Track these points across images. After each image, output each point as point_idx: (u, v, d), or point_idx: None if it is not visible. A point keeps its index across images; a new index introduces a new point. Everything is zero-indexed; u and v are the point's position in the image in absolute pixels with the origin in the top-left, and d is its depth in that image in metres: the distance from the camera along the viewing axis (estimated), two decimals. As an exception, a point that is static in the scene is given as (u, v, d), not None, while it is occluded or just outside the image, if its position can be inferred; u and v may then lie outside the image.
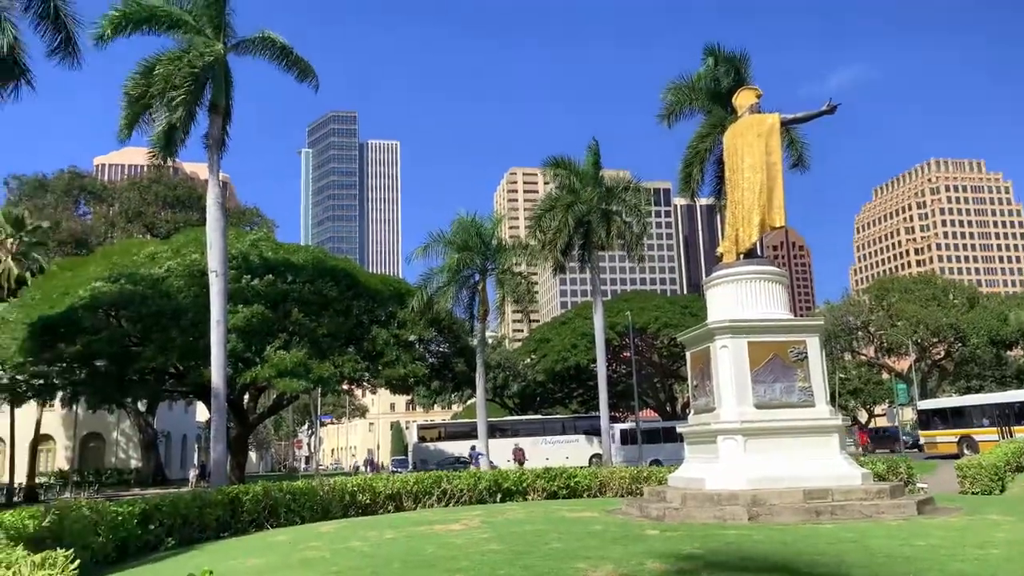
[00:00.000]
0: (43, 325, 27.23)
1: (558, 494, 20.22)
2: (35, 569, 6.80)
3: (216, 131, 25.13)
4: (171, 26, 24.45)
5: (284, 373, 28.07)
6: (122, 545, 12.82)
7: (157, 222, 55.45)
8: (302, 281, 31.95)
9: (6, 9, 22.29)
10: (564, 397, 65.34)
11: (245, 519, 15.92)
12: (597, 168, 36.03)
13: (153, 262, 31.69)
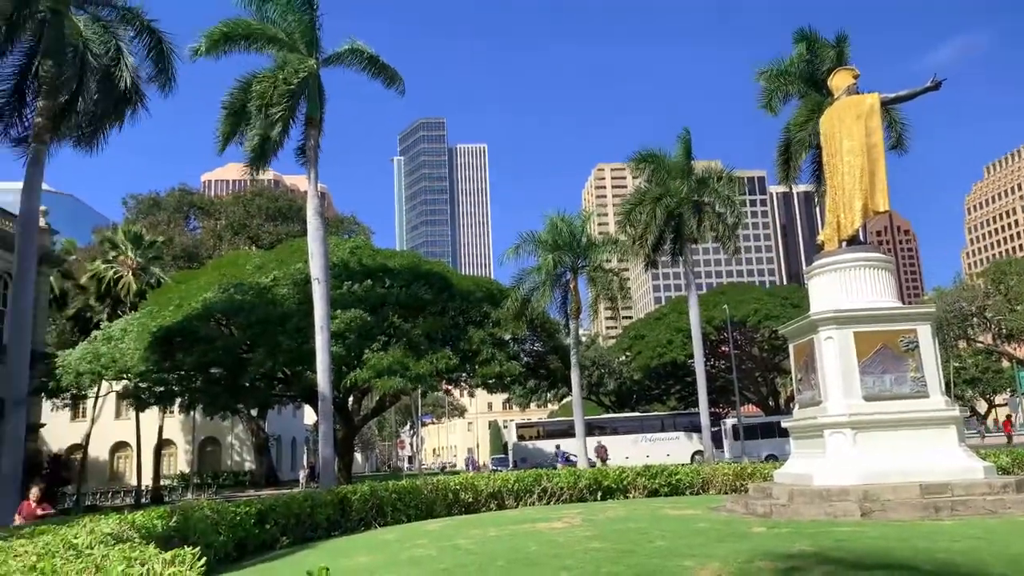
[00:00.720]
0: (161, 335, 28.90)
1: (659, 492, 19.99)
2: (166, 566, 7.22)
3: (312, 144, 26.01)
4: (266, 43, 25.48)
5: (382, 372, 28.84)
6: (241, 544, 13.40)
7: (261, 234, 57.89)
8: (398, 285, 32.72)
9: (122, 40, 23.90)
10: (661, 394, 64.48)
11: (354, 518, 16.42)
12: (688, 159, 35.38)
13: (259, 272, 33.10)
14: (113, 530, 9.84)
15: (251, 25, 24.84)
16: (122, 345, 29.41)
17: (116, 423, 49.36)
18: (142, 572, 7.06)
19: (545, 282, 35.35)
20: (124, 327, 31.26)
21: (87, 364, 28.96)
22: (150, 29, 24.57)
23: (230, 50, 24.60)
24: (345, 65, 26.86)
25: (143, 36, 24.70)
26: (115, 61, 23.95)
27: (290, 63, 24.78)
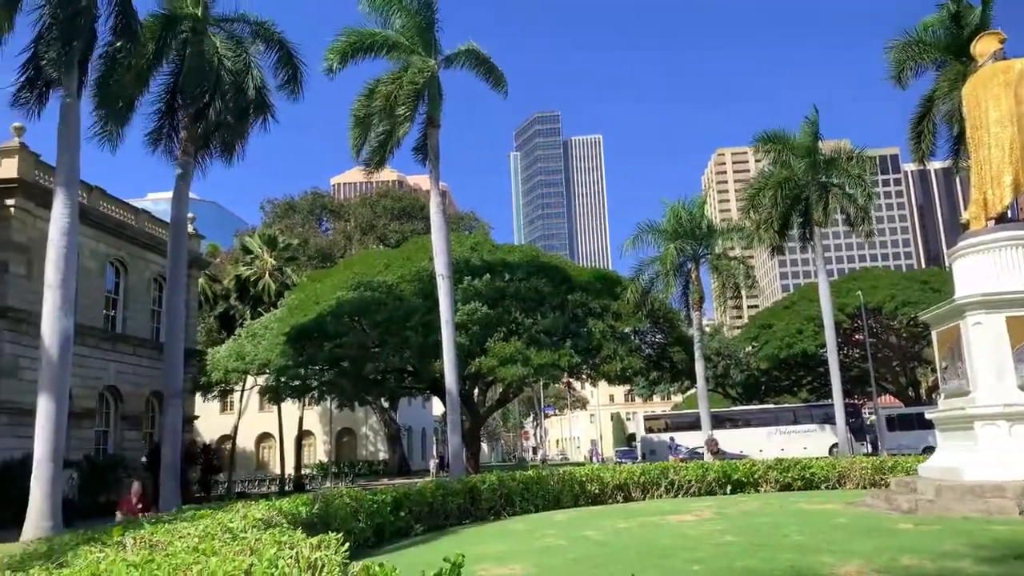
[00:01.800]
0: (297, 332, 30.51)
1: (792, 486, 19.36)
2: (313, 550, 7.65)
3: (433, 143, 26.70)
4: (388, 50, 26.32)
5: (505, 361, 29.30)
6: (379, 530, 13.99)
7: (388, 233, 59.96)
8: (518, 279, 33.09)
9: (254, 54, 25.36)
10: (791, 385, 62.08)
11: (483, 507, 16.81)
12: (815, 139, 33.82)
13: (387, 270, 34.33)
14: (263, 516, 10.52)
15: (373, 33, 25.74)
16: (263, 342, 31.30)
17: (260, 415, 52.48)
18: (291, 555, 7.51)
19: (666, 272, 34.79)
20: (265, 324, 33.26)
21: (233, 361, 31.04)
22: (280, 41, 25.91)
23: (356, 59, 25.56)
24: (461, 66, 27.37)
25: (273, 48, 26.08)
26: (248, 74, 25.43)
27: (413, 65, 25.51)
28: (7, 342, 25.96)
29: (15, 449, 24.95)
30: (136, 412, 32.71)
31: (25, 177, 27.01)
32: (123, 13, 19.99)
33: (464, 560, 5.71)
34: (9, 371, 25.86)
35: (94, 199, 30.69)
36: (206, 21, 24.88)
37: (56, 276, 19.00)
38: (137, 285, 33.38)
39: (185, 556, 7.25)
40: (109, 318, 31.87)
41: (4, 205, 26.67)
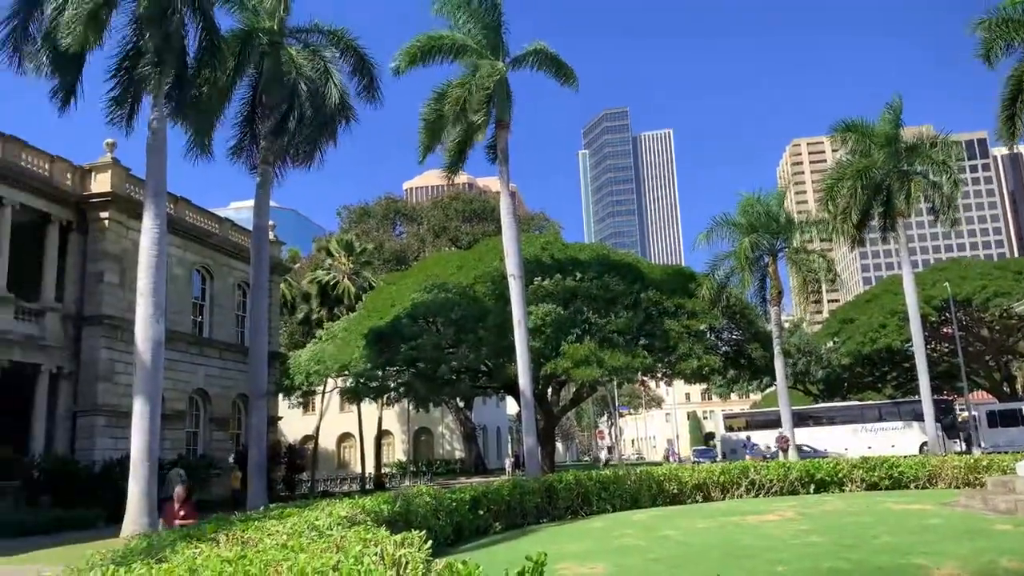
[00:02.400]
0: (375, 335, 31.16)
1: (879, 485, 18.71)
2: (397, 547, 7.83)
3: (503, 145, 26.84)
4: (456, 53, 26.59)
5: (579, 363, 29.24)
6: (458, 528, 14.16)
7: (459, 235, 60.62)
8: (589, 278, 32.98)
9: (329, 61, 26.03)
10: (875, 381, 59.97)
11: (560, 506, 16.82)
12: (896, 127, 32.58)
13: (460, 271, 34.71)
14: (347, 513, 10.80)
15: (442, 37, 26.03)
16: (342, 344, 32.09)
17: (341, 416, 53.79)
18: (376, 552, 7.70)
19: (742, 267, 34.09)
20: (344, 327, 34.11)
21: (314, 364, 31.95)
22: (354, 48, 26.49)
23: (424, 63, 25.91)
24: (529, 66, 27.42)
25: (347, 56, 26.68)
26: (324, 82, 26.09)
27: (482, 68, 25.70)
28: (103, 348, 27.34)
29: (113, 450, 26.28)
30: (224, 414, 33.98)
31: (117, 190, 28.39)
32: (207, 31, 20.81)
33: (547, 559, 5.76)
34: (106, 376, 27.23)
35: (181, 209, 32.01)
36: (282, 33, 25.66)
37: (147, 284, 19.92)
38: (222, 291, 34.66)
39: (275, 553, 7.50)
40: (197, 324, 33.20)
41: (98, 218, 28.10)
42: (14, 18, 19.66)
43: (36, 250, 26.60)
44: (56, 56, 19.24)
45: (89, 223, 28.07)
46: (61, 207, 27.25)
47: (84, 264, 27.89)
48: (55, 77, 19.81)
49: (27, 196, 25.87)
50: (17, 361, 24.94)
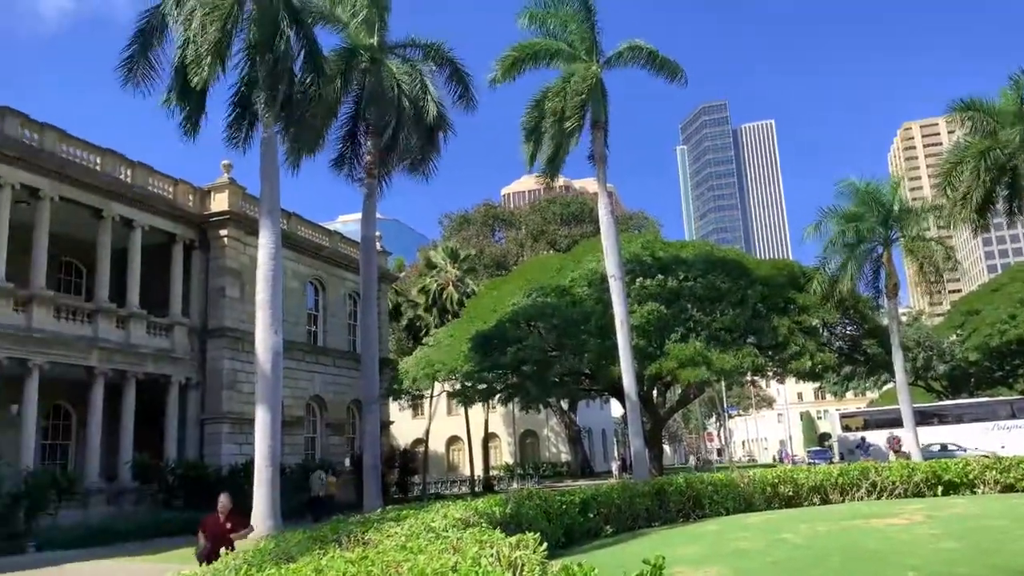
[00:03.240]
0: (480, 339, 31.61)
1: (1015, 487, 17.56)
2: (512, 549, 7.95)
3: (599, 146, 26.77)
4: (551, 58, 26.73)
5: (685, 363, 28.69)
6: (568, 531, 14.22)
7: (558, 238, 60.72)
8: (692, 276, 32.35)
9: (426, 74, 26.74)
10: (1006, 376, 56.05)
11: (672, 509, 16.62)
12: (1021, 103, 30.44)
13: (559, 274, 34.73)
14: (462, 516, 11.04)
15: (536, 44, 26.23)
16: (448, 349, 32.71)
17: (449, 419, 54.84)
18: (492, 554, 7.85)
19: (855, 258, 32.65)
20: (449, 333, 34.74)
21: (422, 369, 32.70)
22: (450, 60, 27.11)
23: (520, 71, 26.16)
24: (624, 64, 27.24)
25: (443, 68, 27.30)
26: (423, 95, 26.77)
27: (576, 72, 25.73)
28: (227, 359, 28.89)
29: (238, 455, 27.72)
30: (339, 419, 35.27)
31: (234, 209, 29.98)
32: (310, 52, 21.76)
33: (664, 562, 5.73)
34: (229, 384, 28.76)
35: (293, 224, 33.48)
36: (382, 49, 26.49)
37: (265, 297, 20.95)
38: (334, 301, 36.02)
39: (395, 554, 7.75)
40: (311, 333, 34.62)
41: (218, 235, 29.74)
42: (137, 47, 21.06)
43: (163, 268, 28.39)
44: (182, 87, 20.55)
45: (210, 241, 29.76)
46: (185, 227, 29.01)
47: (207, 280, 29.58)
48: (181, 106, 21.17)
49: (155, 218, 27.70)
50: (150, 372, 26.70)
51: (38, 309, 23.13)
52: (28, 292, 22.97)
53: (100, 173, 25.81)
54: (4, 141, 22.59)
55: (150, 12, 21.10)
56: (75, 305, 25.13)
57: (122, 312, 26.03)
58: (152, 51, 21.10)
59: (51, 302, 23.75)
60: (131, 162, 27.19)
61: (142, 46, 21.00)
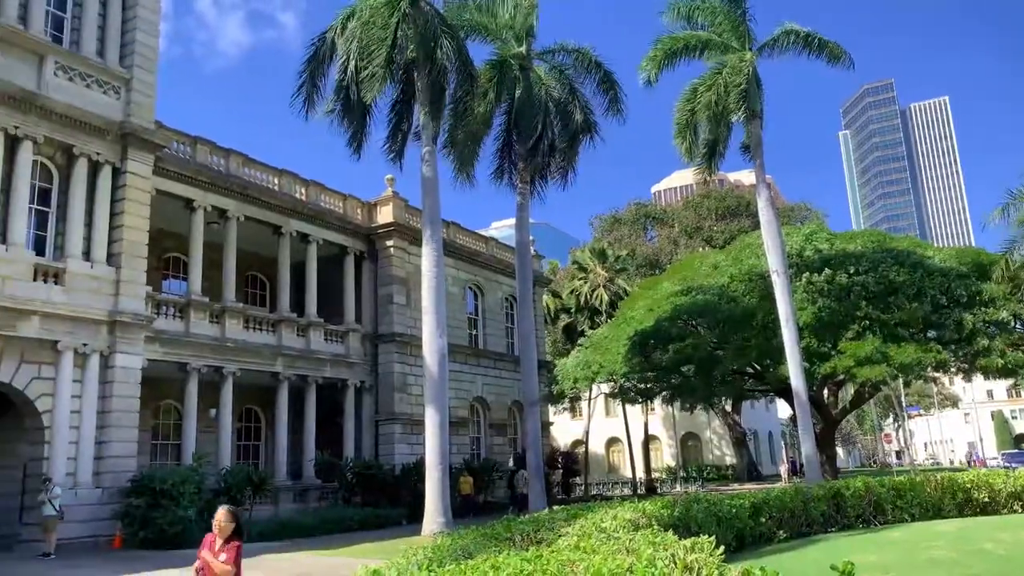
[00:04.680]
0: (639, 339, 31.37)
1: None
2: (687, 552, 7.89)
3: (756, 137, 25.91)
4: (702, 50, 26.17)
5: (862, 361, 27.06)
6: (739, 535, 13.84)
7: (713, 234, 59.13)
8: (863, 269, 30.53)
9: (573, 78, 26.96)
10: None
11: (850, 515, 15.80)
12: None
13: (716, 271, 33.82)
14: (631, 517, 11.05)
15: (686, 36, 25.81)
16: (605, 351, 32.72)
17: (607, 421, 54.80)
18: (666, 556, 7.83)
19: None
20: (605, 334, 34.73)
21: (580, 370, 32.93)
22: (597, 64, 27.21)
23: (669, 66, 25.81)
24: (780, 50, 26.24)
25: (591, 71, 27.42)
26: (571, 100, 27.02)
27: (729, 61, 25.08)
28: (396, 362, 30.39)
29: (409, 455, 29.09)
30: (501, 420, 36.18)
31: (399, 220, 31.54)
32: (464, 65, 22.57)
33: (854, 568, 5.51)
34: (400, 387, 30.23)
35: (452, 233, 34.74)
36: (530, 57, 26.97)
37: (430, 302, 21.87)
38: (492, 306, 37.02)
39: (569, 553, 7.90)
40: (472, 337, 35.74)
41: (385, 246, 31.37)
42: (307, 76, 22.68)
43: (336, 279, 30.31)
44: (344, 107, 21.90)
45: (377, 251, 31.47)
46: (354, 239, 30.84)
47: (375, 288, 31.30)
48: (345, 125, 22.58)
49: (327, 232, 29.65)
50: (328, 377, 28.57)
51: (230, 320, 25.36)
52: (221, 305, 25.24)
53: (278, 192, 27.96)
54: (198, 168, 25.02)
55: (318, 39, 22.65)
56: (261, 316, 27.34)
57: (302, 321, 28.03)
58: (320, 77, 22.64)
59: (240, 314, 25.98)
60: (305, 181, 29.26)
61: (311, 74, 22.60)
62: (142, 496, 19.79)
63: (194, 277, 24.73)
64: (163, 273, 27.43)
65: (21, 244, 19.50)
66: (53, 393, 19.62)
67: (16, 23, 20.26)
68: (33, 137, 19.97)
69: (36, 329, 19.33)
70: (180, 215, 24.94)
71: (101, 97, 21.78)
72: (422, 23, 21.34)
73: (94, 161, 21.36)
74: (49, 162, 20.90)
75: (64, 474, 19.29)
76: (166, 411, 26.30)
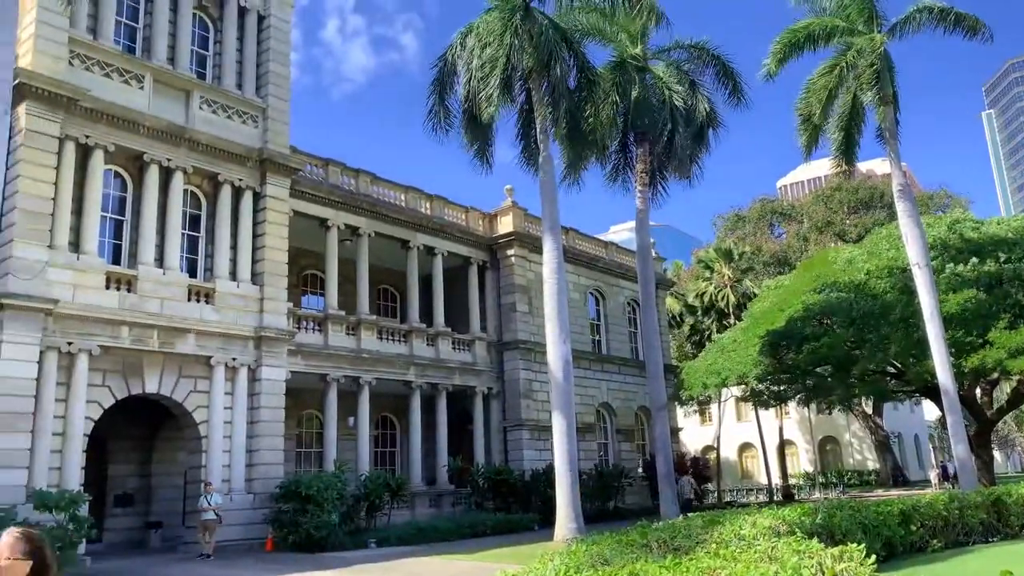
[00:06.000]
0: (768, 340, 30.34)
1: None
2: (836, 561, 7.62)
3: (889, 123, 24.61)
4: (827, 38, 25.10)
5: (1014, 353, 24.99)
6: (888, 544, 13.17)
7: (846, 228, 56.43)
8: (1017, 257, 28.33)
9: (692, 74, 26.56)
10: None
11: (1014, 524, 14.78)
12: None
13: (850, 267, 32.27)
14: (771, 524, 10.75)
15: (809, 25, 24.84)
16: (733, 354, 31.81)
17: (739, 425, 53.28)
18: (812, 564, 7.58)
19: None
20: (733, 336, 33.77)
21: (709, 375, 32.15)
22: (715, 57, 26.66)
23: (794, 56, 24.94)
24: (913, 29, 24.83)
25: (709, 66, 26.90)
26: (691, 96, 26.56)
27: (856, 45, 24.00)
28: (521, 369, 30.78)
29: (538, 460, 29.37)
30: (628, 426, 35.91)
31: (519, 229, 32.00)
32: (582, 70, 22.71)
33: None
34: (525, 393, 30.58)
35: (571, 239, 34.87)
36: (647, 57, 26.76)
37: (552, 309, 22.03)
38: (614, 310, 36.85)
39: (709, 561, 7.80)
40: (595, 342, 35.68)
41: (506, 255, 31.89)
42: (435, 97, 23.42)
43: (461, 289, 31.06)
44: (468, 122, 22.53)
45: (499, 261, 32.03)
46: (477, 250, 31.54)
47: (498, 297, 31.85)
48: (471, 140, 23.25)
49: (452, 244, 30.49)
50: (457, 384, 29.30)
51: (364, 332, 26.48)
52: (356, 318, 26.39)
53: (405, 208, 29.00)
54: (330, 189, 26.33)
55: (439, 61, 23.33)
56: (393, 327, 28.39)
57: (431, 331, 28.89)
58: (447, 97, 23.35)
59: (374, 325, 27.07)
60: (429, 196, 30.20)
61: (439, 96, 23.31)
62: (290, 501, 20.92)
63: (330, 292, 25.99)
64: (302, 289, 28.99)
65: (176, 267, 21.13)
66: (208, 405, 21.12)
67: (166, 63, 22.05)
68: (183, 168, 21.63)
69: (192, 346, 20.89)
70: (315, 234, 26.28)
71: (241, 127, 23.34)
72: (536, 35, 21.59)
73: (237, 187, 22.88)
74: (197, 190, 22.55)
75: (220, 480, 20.70)
76: (308, 420, 27.69)
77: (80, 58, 20.09)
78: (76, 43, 19.98)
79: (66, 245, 19.05)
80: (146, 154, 20.87)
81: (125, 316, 19.61)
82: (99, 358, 19.14)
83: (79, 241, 19.39)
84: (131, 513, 22.65)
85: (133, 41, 21.94)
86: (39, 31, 19.11)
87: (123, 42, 21.63)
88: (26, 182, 18.34)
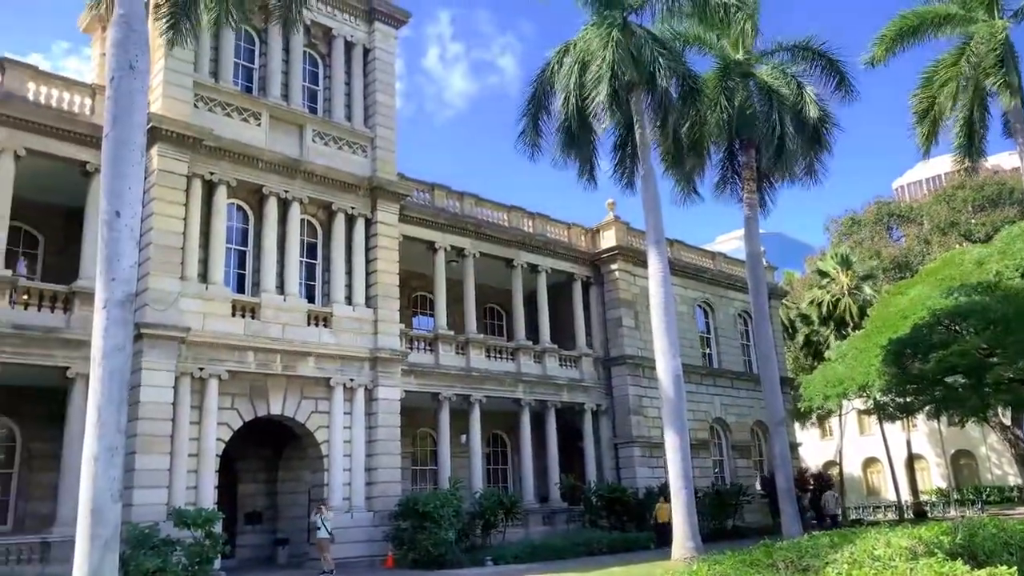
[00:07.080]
0: (892, 349, 28.77)
1: None
2: (984, 583, 7.13)
3: (1016, 113, 23.06)
4: (940, 25, 23.84)
5: None
6: (1042, 565, 12.19)
7: (972, 228, 53.01)
8: None
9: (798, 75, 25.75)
10: None
11: None
12: None
13: (980, 268, 30.29)
14: (907, 544, 10.15)
15: (922, 12, 23.67)
16: (854, 363, 30.32)
17: (862, 439, 50.71)
18: (956, 587, 7.13)
19: None
20: (854, 345, 32.17)
21: (829, 387, 30.75)
22: (821, 54, 25.72)
23: (903, 46, 23.81)
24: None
25: (815, 64, 25.97)
26: (799, 98, 25.69)
27: (976, 32, 22.68)
28: (630, 385, 30.43)
29: (651, 478, 28.90)
30: (743, 442, 34.84)
31: (622, 243, 31.78)
32: (682, 80, 22.42)
33: None
34: (635, 410, 30.20)
35: (677, 251, 34.32)
36: (750, 62, 26.12)
37: (660, 323, 21.67)
38: (724, 323, 35.95)
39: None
40: (706, 356, 34.90)
41: (610, 270, 31.71)
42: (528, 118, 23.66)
43: (566, 305, 31.06)
44: (566, 141, 22.65)
45: (603, 276, 31.89)
46: (580, 266, 31.51)
47: (604, 312, 31.68)
48: (572, 157, 23.37)
49: (555, 261, 30.59)
50: (565, 401, 29.26)
51: (473, 351, 26.88)
52: (464, 337, 26.83)
53: (508, 228, 29.33)
54: (436, 212, 26.98)
55: (536, 80, 23.57)
56: (500, 345, 28.68)
57: (537, 348, 29.01)
58: (541, 115, 23.54)
59: (482, 344, 27.45)
60: (531, 214, 30.45)
61: (533, 116, 23.55)
62: (408, 519, 21.36)
63: (439, 313, 26.55)
64: (412, 311, 29.71)
65: (295, 293, 22.11)
66: (328, 425, 21.89)
67: (280, 100, 23.24)
68: (299, 199, 22.66)
69: (312, 368, 21.75)
70: (424, 256, 26.94)
71: (351, 157, 24.27)
72: (636, 48, 21.48)
73: (349, 215, 23.77)
74: (312, 219, 23.56)
75: (341, 498, 21.39)
76: (422, 438, 28.25)
77: (204, 100, 21.45)
78: (200, 86, 21.36)
79: (195, 276, 20.25)
80: (265, 187, 22.00)
81: (250, 342, 20.64)
82: (227, 382, 20.20)
83: (207, 272, 20.58)
84: (260, 530, 23.67)
85: (250, 81, 23.25)
86: (167, 78, 20.55)
87: (241, 82, 22.96)
88: (159, 219, 19.66)
